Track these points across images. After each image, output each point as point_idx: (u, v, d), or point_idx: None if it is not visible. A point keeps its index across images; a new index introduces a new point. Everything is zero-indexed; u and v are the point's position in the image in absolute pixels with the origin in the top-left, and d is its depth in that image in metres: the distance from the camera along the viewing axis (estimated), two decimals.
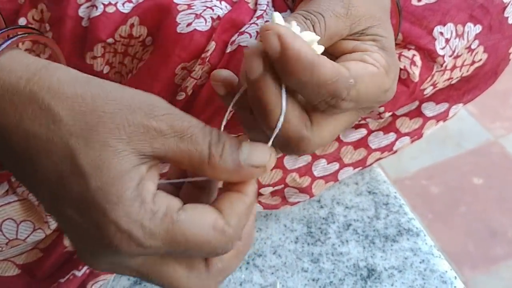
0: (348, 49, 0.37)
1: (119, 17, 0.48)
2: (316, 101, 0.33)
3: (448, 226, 1.47)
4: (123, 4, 0.49)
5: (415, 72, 0.49)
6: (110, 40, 0.48)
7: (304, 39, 0.32)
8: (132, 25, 0.48)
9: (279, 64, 0.31)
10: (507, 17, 0.52)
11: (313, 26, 0.34)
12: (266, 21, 0.50)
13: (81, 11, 0.49)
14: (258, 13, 0.50)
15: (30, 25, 0.51)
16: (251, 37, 0.47)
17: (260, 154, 0.33)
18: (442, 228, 1.47)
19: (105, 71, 0.50)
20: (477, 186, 1.53)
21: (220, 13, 0.48)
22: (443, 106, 0.58)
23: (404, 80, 0.50)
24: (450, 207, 1.50)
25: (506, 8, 0.52)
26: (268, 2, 0.51)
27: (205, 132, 0.32)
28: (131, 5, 0.49)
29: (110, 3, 0.48)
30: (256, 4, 0.51)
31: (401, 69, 0.49)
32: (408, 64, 0.49)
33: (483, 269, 1.37)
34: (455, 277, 0.57)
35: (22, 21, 0.51)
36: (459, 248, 1.42)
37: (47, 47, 0.51)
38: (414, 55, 0.49)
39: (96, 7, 0.48)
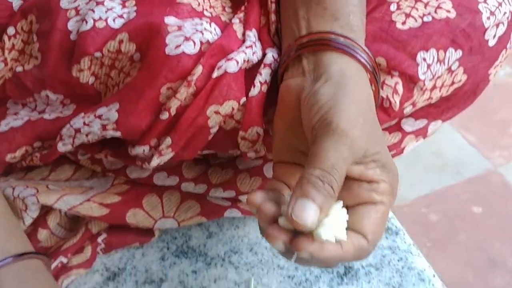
0: (355, 176, 0.42)
1: (109, 32, 0.49)
2: None
3: (447, 254, 1.44)
4: (113, 19, 0.49)
5: (397, 101, 0.50)
6: (97, 54, 0.49)
7: (334, 231, 0.38)
8: (121, 41, 0.48)
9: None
10: (487, 40, 0.53)
11: (331, 186, 0.38)
12: (254, 52, 0.50)
13: (70, 25, 0.49)
14: (248, 43, 0.50)
15: (17, 35, 0.52)
16: (237, 63, 0.48)
17: None
18: (441, 257, 1.44)
19: (90, 82, 0.50)
20: (476, 215, 1.51)
21: (210, 37, 0.49)
22: (422, 122, 0.58)
23: (386, 108, 0.51)
24: (449, 236, 1.48)
25: (487, 31, 0.53)
26: (255, 35, 0.52)
27: None
28: (122, 20, 0.49)
29: (100, 18, 0.49)
30: (243, 35, 0.52)
31: (383, 98, 0.50)
32: (390, 93, 0.50)
33: None
34: (434, 275, 0.55)
35: (10, 30, 0.52)
36: (459, 277, 1.39)
37: (32, 57, 0.51)
38: (396, 83, 0.50)
39: (86, 22, 0.48)
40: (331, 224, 0.38)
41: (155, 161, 0.51)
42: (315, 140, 0.41)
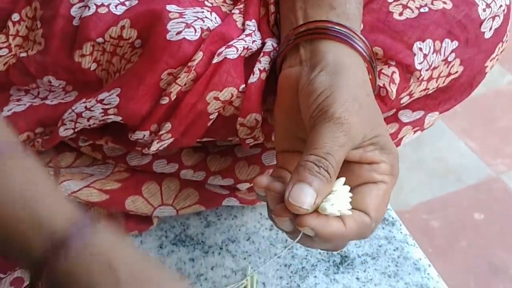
0: (355, 159, 0.43)
1: (111, 18, 0.50)
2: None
3: (448, 261, 1.43)
4: (116, 6, 0.50)
5: (393, 90, 0.51)
6: (99, 39, 0.50)
7: (338, 205, 0.40)
8: (123, 27, 0.49)
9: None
10: (484, 32, 0.54)
11: (327, 171, 0.40)
12: (254, 41, 0.51)
13: (73, 11, 0.50)
14: (247, 31, 0.51)
15: (22, 21, 0.53)
16: (237, 51, 0.49)
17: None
18: (443, 263, 1.43)
19: (92, 68, 0.51)
20: (478, 222, 1.50)
21: (210, 25, 0.50)
22: (419, 114, 0.59)
23: (383, 97, 0.52)
24: (450, 242, 1.47)
25: (483, 23, 0.54)
26: (255, 25, 0.53)
27: None
28: (124, 7, 0.50)
29: (102, 4, 0.50)
30: (243, 24, 0.53)
31: (380, 87, 0.51)
32: (387, 82, 0.51)
33: None
34: (429, 265, 0.56)
35: (15, 16, 0.53)
36: (460, 284, 1.38)
37: (35, 43, 0.52)
38: (393, 72, 0.51)
39: (89, 8, 0.49)
40: (335, 199, 0.39)
41: (155, 146, 0.52)
42: (312, 128, 0.42)
